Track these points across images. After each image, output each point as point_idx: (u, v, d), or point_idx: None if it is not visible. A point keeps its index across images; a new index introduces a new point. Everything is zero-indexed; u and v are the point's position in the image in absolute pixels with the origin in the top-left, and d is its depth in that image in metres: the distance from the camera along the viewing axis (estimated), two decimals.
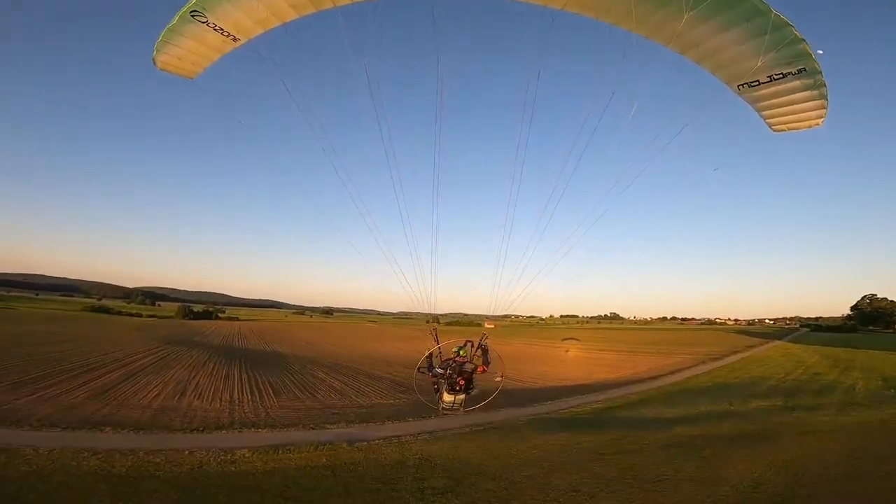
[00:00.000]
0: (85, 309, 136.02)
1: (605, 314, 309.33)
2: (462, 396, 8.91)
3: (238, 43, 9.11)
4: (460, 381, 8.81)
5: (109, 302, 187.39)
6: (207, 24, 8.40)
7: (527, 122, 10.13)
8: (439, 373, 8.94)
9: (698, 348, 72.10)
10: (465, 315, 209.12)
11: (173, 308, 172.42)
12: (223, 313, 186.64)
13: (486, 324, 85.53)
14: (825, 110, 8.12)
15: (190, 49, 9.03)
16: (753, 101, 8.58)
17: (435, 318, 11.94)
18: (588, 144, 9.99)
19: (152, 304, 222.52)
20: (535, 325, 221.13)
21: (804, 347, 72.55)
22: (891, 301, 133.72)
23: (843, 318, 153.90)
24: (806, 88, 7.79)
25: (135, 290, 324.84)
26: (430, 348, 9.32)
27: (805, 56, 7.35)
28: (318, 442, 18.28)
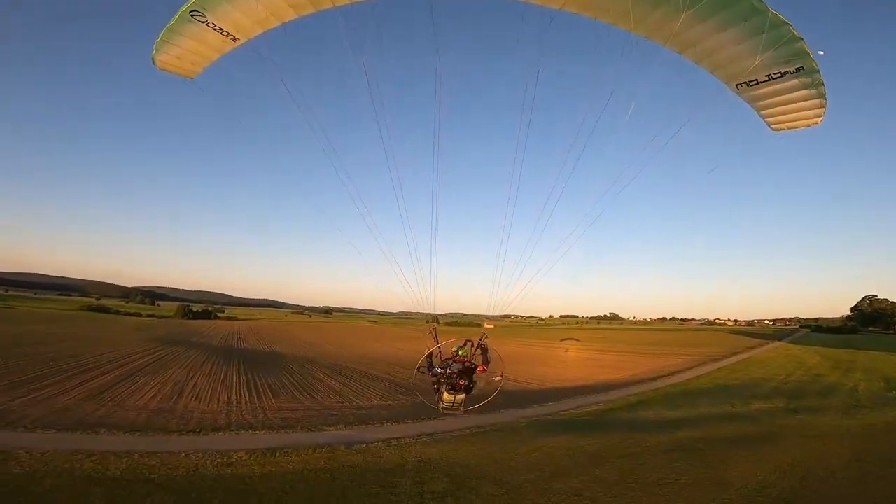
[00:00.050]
0: (83, 308, 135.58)
1: (605, 314, 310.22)
2: (462, 396, 8.91)
3: (237, 43, 9.13)
4: (460, 381, 8.80)
5: (108, 301, 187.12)
6: (207, 23, 8.41)
7: (525, 122, 10.17)
8: (439, 372, 8.93)
9: (698, 349, 71.98)
10: (464, 315, 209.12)
11: (172, 308, 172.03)
12: (222, 313, 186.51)
13: (486, 324, 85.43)
14: (824, 109, 8.12)
15: (189, 49, 9.05)
16: (752, 101, 8.56)
17: (434, 318, 11.91)
18: (586, 144, 10.04)
19: (151, 303, 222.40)
20: (535, 325, 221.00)
21: (805, 348, 72.41)
22: (891, 302, 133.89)
23: (842, 318, 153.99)
24: (804, 87, 7.77)
25: (134, 289, 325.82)
26: (429, 348, 9.30)
27: (803, 55, 7.33)
28: (317, 444, 18.12)
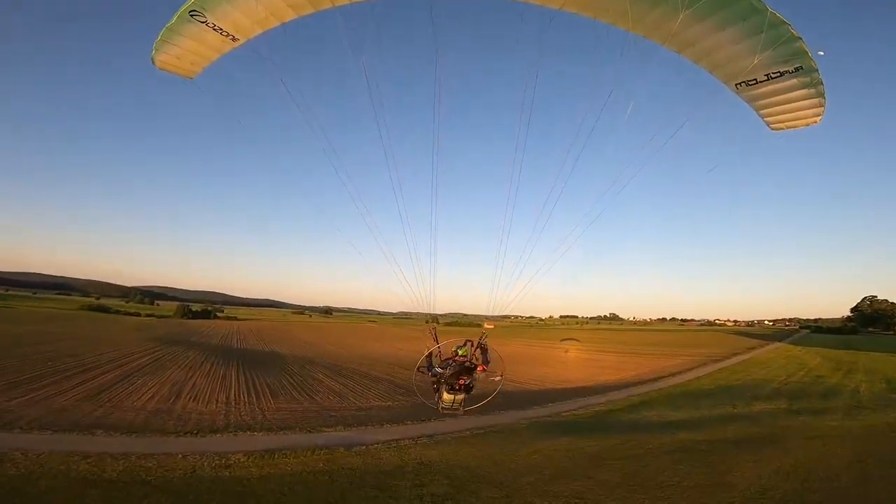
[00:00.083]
0: (83, 308, 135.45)
1: (605, 315, 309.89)
2: (462, 396, 8.91)
3: (237, 43, 9.13)
4: (460, 381, 8.80)
5: (108, 301, 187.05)
6: (206, 23, 8.40)
7: (525, 121, 10.16)
8: (439, 372, 8.93)
9: (699, 350, 71.92)
10: (464, 315, 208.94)
11: (172, 307, 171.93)
12: (222, 313, 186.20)
13: (486, 324, 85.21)
14: (823, 108, 8.12)
15: (189, 49, 9.05)
16: (751, 100, 8.55)
17: (434, 318, 11.85)
18: (586, 144, 10.03)
19: (151, 303, 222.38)
20: (535, 325, 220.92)
21: (805, 349, 72.29)
22: (891, 303, 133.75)
23: (842, 319, 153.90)
24: (803, 86, 7.77)
25: (133, 288, 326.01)
26: (429, 347, 9.30)
27: (802, 54, 7.32)
28: (315, 446, 18.03)
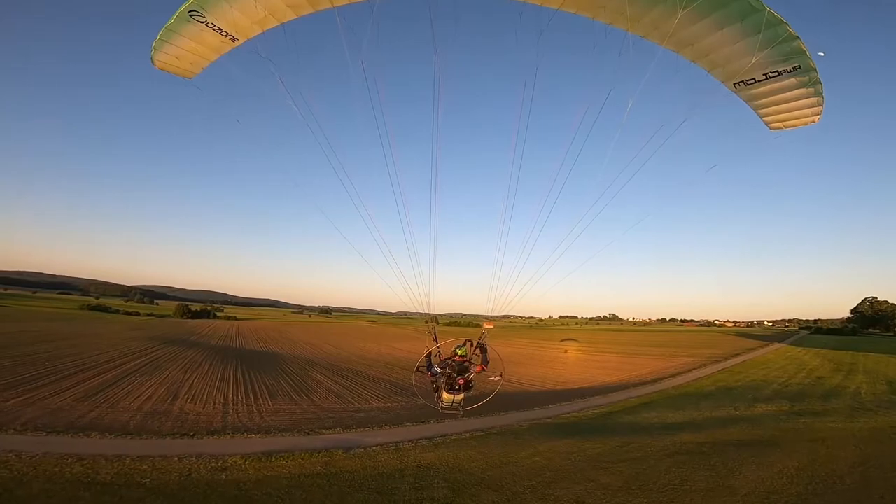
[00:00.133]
0: (82, 307, 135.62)
1: (604, 315, 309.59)
2: (461, 396, 8.90)
3: (236, 43, 9.08)
4: (459, 381, 8.78)
5: (107, 300, 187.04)
6: (206, 23, 8.38)
7: (524, 121, 10.15)
8: (438, 372, 8.93)
9: (699, 350, 71.76)
10: (464, 315, 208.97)
11: (171, 307, 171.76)
12: (221, 312, 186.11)
13: (486, 324, 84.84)
14: (821, 107, 8.09)
15: (188, 49, 9.01)
16: (750, 100, 8.50)
17: (434, 318, 11.72)
18: (585, 144, 10.03)
19: (150, 302, 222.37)
20: (535, 325, 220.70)
21: (805, 350, 72.12)
22: (892, 304, 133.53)
23: (842, 320, 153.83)
24: (801, 86, 7.74)
25: (133, 288, 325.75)
26: (429, 347, 9.31)
27: (800, 53, 7.27)
28: (313, 448, 17.87)
